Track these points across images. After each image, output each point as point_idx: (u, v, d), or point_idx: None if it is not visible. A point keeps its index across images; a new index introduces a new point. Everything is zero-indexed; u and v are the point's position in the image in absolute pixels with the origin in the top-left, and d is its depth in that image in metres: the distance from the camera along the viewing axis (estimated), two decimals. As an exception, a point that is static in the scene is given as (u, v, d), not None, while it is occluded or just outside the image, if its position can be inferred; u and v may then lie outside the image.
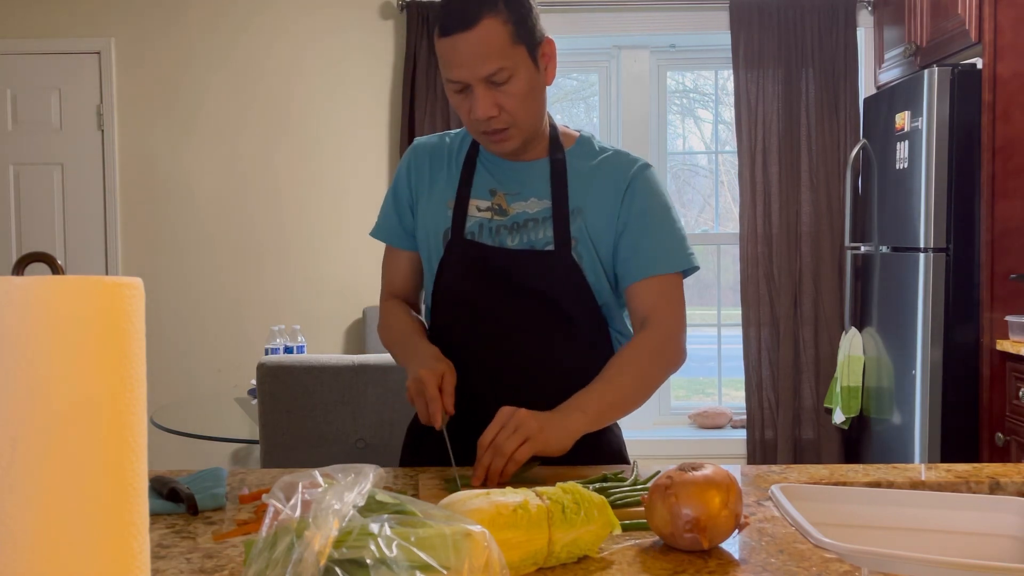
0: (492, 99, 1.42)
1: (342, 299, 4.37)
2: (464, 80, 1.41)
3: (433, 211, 1.58)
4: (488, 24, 1.38)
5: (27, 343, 0.61)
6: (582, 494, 1.02)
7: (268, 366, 2.41)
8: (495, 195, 1.55)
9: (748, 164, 4.18)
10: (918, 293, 3.42)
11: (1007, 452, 3.08)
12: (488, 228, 1.53)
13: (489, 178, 1.56)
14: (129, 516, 0.65)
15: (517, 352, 1.54)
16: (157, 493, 1.26)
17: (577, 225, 1.51)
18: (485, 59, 1.39)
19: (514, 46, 1.41)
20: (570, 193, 1.53)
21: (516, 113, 1.45)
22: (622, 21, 4.30)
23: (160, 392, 3.99)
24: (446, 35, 1.40)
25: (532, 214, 1.52)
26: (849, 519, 1.03)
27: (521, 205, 1.54)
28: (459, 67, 1.40)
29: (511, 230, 1.53)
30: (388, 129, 4.37)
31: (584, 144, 1.60)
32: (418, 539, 0.79)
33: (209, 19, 4.35)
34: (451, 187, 1.57)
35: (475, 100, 1.42)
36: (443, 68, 1.43)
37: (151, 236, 4.41)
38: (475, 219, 1.54)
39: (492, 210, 1.54)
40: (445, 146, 1.63)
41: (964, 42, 3.30)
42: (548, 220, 1.51)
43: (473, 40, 1.38)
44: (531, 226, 1.52)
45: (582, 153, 1.58)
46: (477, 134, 1.50)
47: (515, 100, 1.43)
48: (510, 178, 1.56)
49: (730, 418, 4.49)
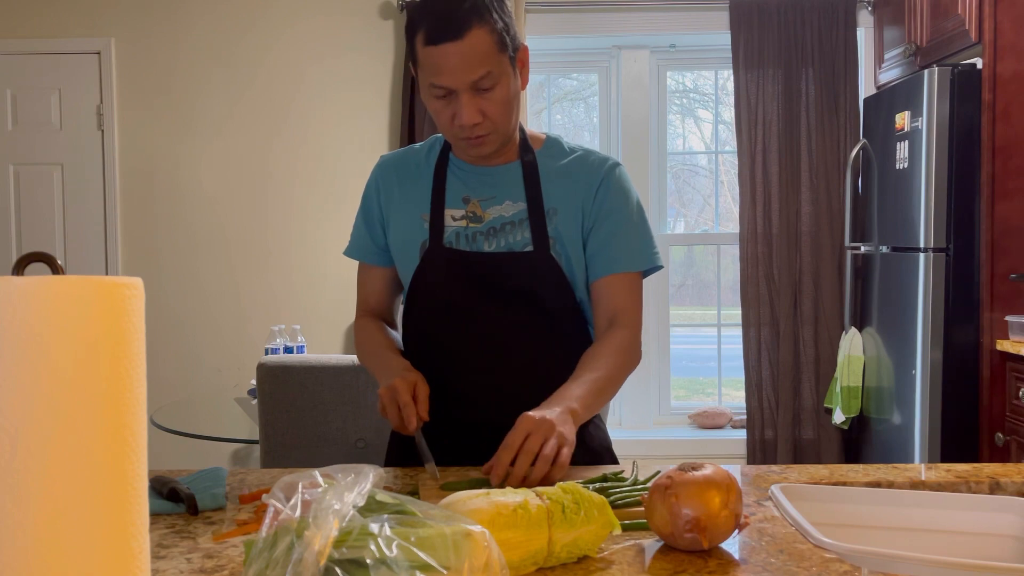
0: (476, 105, 1.45)
1: (342, 299, 4.37)
2: (451, 87, 1.43)
3: (406, 225, 1.60)
4: (477, 33, 1.41)
5: (27, 343, 0.61)
6: (582, 494, 1.02)
7: (268, 366, 2.41)
8: (468, 203, 1.57)
9: (748, 164, 4.18)
10: (918, 293, 3.42)
11: (1007, 452, 3.08)
12: (464, 236, 1.55)
13: (461, 186, 1.58)
14: (129, 516, 0.65)
15: (500, 353, 1.56)
16: (157, 493, 1.26)
17: (553, 225, 1.54)
18: (474, 67, 1.42)
19: (499, 54, 1.44)
20: (544, 194, 1.56)
21: (498, 119, 1.48)
22: (622, 21, 4.30)
23: (160, 392, 3.99)
24: (434, 43, 1.41)
25: (508, 217, 1.55)
26: (849, 519, 1.03)
27: (496, 209, 1.56)
28: (448, 74, 1.42)
29: (487, 235, 1.55)
30: (388, 129, 4.37)
31: (553, 145, 1.62)
32: (418, 539, 0.79)
33: (209, 19, 4.35)
34: (424, 199, 1.59)
35: (460, 107, 1.44)
36: (427, 74, 1.45)
37: (151, 236, 4.41)
38: (451, 228, 1.56)
39: (467, 218, 1.56)
40: (411, 159, 1.65)
41: (964, 42, 3.30)
42: (525, 222, 1.54)
43: (463, 49, 1.41)
44: (508, 229, 1.55)
45: (551, 154, 1.61)
46: (455, 139, 1.52)
47: (498, 106, 1.47)
48: (483, 183, 1.58)
49: (730, 418, 4.49)
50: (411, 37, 1.46)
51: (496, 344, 1.56)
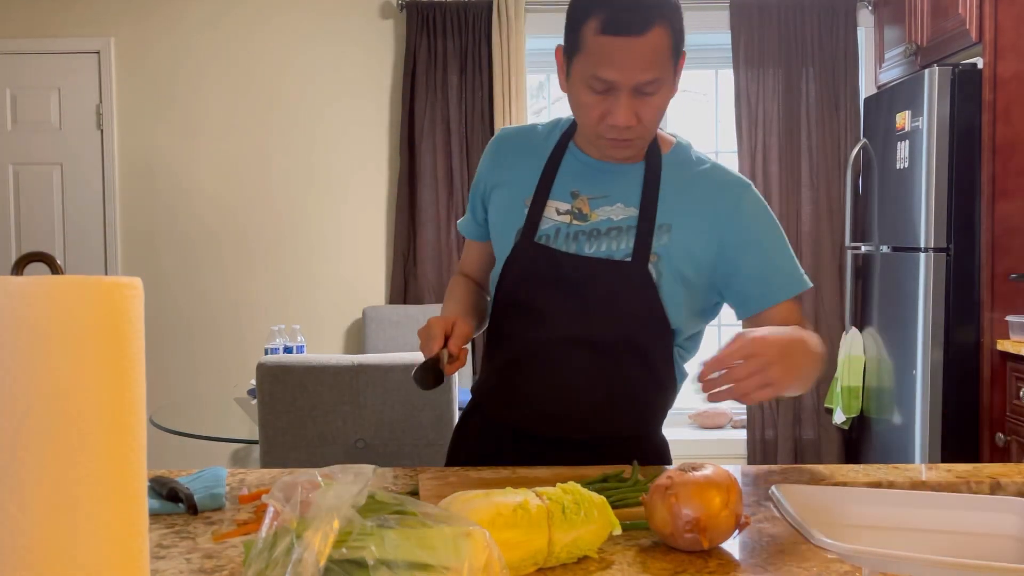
0: (634, 108, 1.35)
1: (342, 299, 4.37)
2: (618, 83, 1.33)
3: (508, 206, 1.51)
4: (659, 32, 1.31)
5: (27, 343, 0.61)
6: (582, 494, 1.02)
7: (268, 366, 2.41)
8: (576, 197, 1.47)
9: (748, 164, 4.18)
10: (918, 293, 3.42)
11: (1007, 452, 3.08)
12: (565, 233, 1.45)
13: (573, 178, 1.48)
14: (129, 516, 0.64)
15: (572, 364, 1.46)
16: (157, 493, 1.26)
17: (662, 241, 1.43)
18: (648, 67, 1.32)
19: (671, 58, 1.35)
20: (660, 205, 1.44)
21: (651, 125, 1.39)
22: (622, 21, 4.29)
23: (160, 392, 3.99)
24: (614, 34, 1.30)
25: (616, 222, 1.44)
26: (849, 519, 1.03)
27: (606, 211, 1.45)
28: (619, 69, 1.32)
29: (590, 236, 1.44)
30: (388, 128, 4.37)
31: (681, 152, 1.51)
32: (418, 539, 0.79)
33: (209, 19, 4.35)
34: (530, 183, 1.49)
35: (619, 106, 1.34)
36: (592, 65, 1.33)
37: (151, 236, 4.41)
38: (552, 222, 1.46)
39: (571, 214, 1.46)
40: (534, 137, 1.56)
41: (964, 42, 3.29)
42: (632, 229, 1.43)
43: (641, 46, 1.31)
44: (613, 234, 1.44)
45: (678, 162, 1.49)
46: (597, 136, 1.41)
47: (654, 112, 1.37)
48: (598, 180, 1.47)
49: (730, 418, 4.49)
50: (579, 21, 1.35)
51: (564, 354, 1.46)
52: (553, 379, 1.48)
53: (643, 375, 1.48)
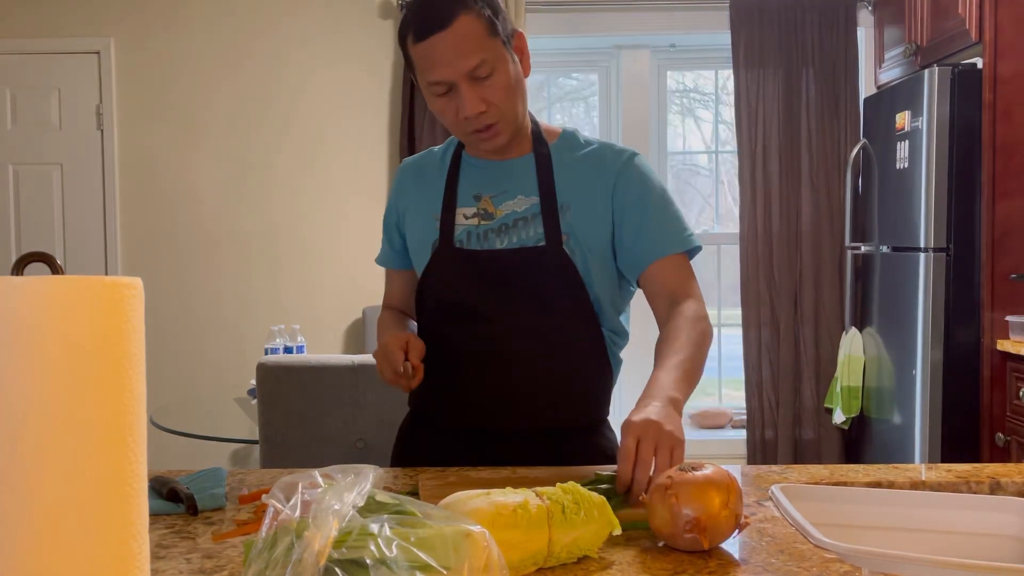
0: (478, 94, 1.42)
1: (342, 299, 4.37)
2: (448, 79, 1.41)
3: (421, 225, 1.59)
4: (464, 20, 1.40)
5: (27, 343, 0.61)
6: (582, 494, 1.02)
7: (268, 366, 2.41)
8: (480, 200, 1.54)
9: (748, 164, 4.18)
10: (918, 293, 3.42)
11: (1008, 452, 3.08)
12: (476, 234, 1.52)
13: (473, 183, 1.56)
14: (129, 516, 0.64)
15: (510, 353, 1.53)
16: (157, 493, 1.26)
17: (566, 220, 1.50)
18: (467, 54, 1.40)
19: (491, 39, 1.42)
20: (557, 188, 1.52)
21: (503, 106, 1.45)
22: (622, 21, 4.30)
23: (160, 392, 3.99)
24: (423, 39, 1.40)
25: (521, 212, 1.51)
26: (849, 519, 1.03)
27: (509, 204, 1.53)
28: (442, 67, 1.40)
29: (499, 232, 1.52)
30: (388, 128, 4.37)
31: (568, 138, 1.59)
32: (418, 539, 0.79)
33: (208, 19, 4.35)
34: (437, 200, 1.57)
35: (462, 98, 1.42)
36: (423, 73, 1.43)
37: (151, 236, 4.40)
38: (462, 227, 1.53)
39: (478, 215, 1.54)
40: (431, 160, 1.65)
41: (964, 42, 3.29)
42: (537, 216, 1.50)
43: (452, 37, 1.39)
44: (520, 225, 1.51)
45: (567, 147, 1.57)
46: (465, 135, 1.50)
47: (500, 92, 1.44)
48: (495, 179, 1.55)
49: (730, 418, 4.49)
50: (402, 42, 1.46)
51: (503, 345, 1.53)
52: (495, 370, 1.53)
53: (578, 357, 1.55)
